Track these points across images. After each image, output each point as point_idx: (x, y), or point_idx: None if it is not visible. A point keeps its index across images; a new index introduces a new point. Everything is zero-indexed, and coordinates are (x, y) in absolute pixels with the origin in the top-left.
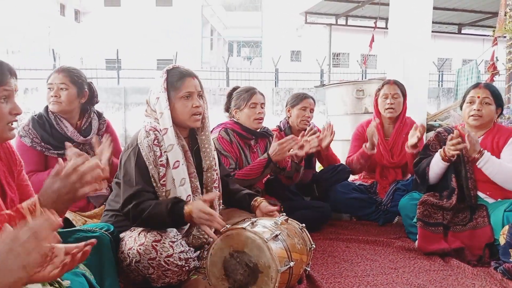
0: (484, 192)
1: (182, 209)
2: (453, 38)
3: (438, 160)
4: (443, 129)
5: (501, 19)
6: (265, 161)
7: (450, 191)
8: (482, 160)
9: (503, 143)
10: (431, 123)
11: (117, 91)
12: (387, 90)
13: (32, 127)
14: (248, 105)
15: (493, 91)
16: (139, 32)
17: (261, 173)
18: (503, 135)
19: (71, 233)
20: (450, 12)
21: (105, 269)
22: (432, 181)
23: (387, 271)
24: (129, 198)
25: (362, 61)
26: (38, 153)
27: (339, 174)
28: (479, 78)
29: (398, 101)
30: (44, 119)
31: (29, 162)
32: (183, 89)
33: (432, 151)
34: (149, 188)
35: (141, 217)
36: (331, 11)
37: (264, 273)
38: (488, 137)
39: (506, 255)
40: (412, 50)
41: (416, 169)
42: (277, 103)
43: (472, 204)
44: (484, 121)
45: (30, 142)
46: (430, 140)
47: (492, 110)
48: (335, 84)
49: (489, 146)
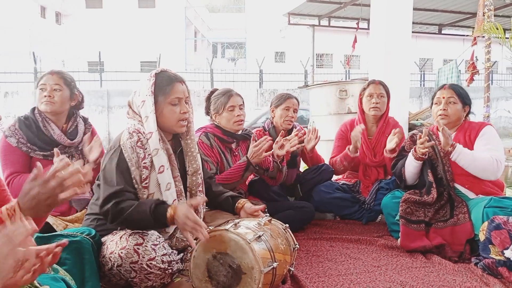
0: (463, 185)
1: (166, 211)
2: (433, 38)
3: (411, 160)
4: (418, 131)
5: (480, 20)
6: (244, 165)
7: (428, 186)
8: (455, 153)
9: (475, 136)
10: (413, 122)
11: (100, 94)
12: (373, 90)
13: (18, 127)
14: (226, 108)
15: (457, 91)
16: (122, 34)
17: (241, 177)
18: (474, 129)
19: (51, 237)
20: (430, 13)
21: (86, 274)
22: (410, 181)
23: (370, 269)
24: (108, 197)
25: (345, 61)
26: (23, 153)
27: (322, 174)
28: (459, 77)
29: (383, 101)
30: (31, 121)
31: (14, 162)
32: (172, 94)
33: (408, 152)
34: (130, 188)
35: (122, 216)
36: (314, 12)
37: (247, 274)
38: (460, 133)
39: (486, 251)
40: (393, 50)
41: (393, 170)
42: (262, 104)
43: (453, 195)
44: (451, 120)
45: (16, 143)
46: (406, 142)
47: (457, 109)
48: (318, 85)
49: (462, 141)
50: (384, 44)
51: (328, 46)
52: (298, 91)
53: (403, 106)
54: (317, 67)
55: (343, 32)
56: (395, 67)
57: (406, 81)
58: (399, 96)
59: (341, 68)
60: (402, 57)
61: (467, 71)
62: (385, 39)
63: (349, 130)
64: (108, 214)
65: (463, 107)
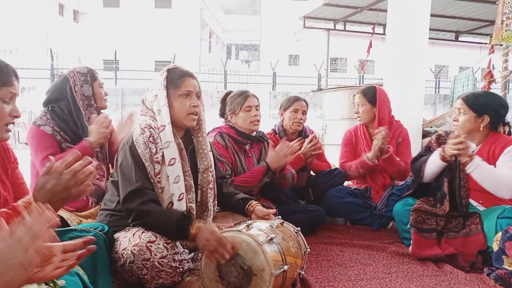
0: (476, 200)
1: (189, 226)
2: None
3: (436, 158)
4: (444, 132)
5: (498, 28)
6: (264, 169)
7: (442, 196)
8: (472, 165)
9: (499, 152)
10: (427, 129)
11: (114, 92)
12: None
13: (50, 118)
14: (243, 108)
15: (468, 101)
16: (138, 33)
17: (259, 181)
18: (499, 145)
19: (65, 232)
20: (447, 20)
21: (99, 269)
22: (427, 179)
23: (381, 275)
24: (131, 194)
25: (359, 66)
26: (56, 143)
27: (334, 178)
28: (475, 85)
29: (362, 109)
30: (59, 114)
31: (49, 146)
32: (183, 87)
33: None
34: (149, 185)
35: (146, 218)
36: (330, 16)
37: (258, 276)
38: (484, 147)
39: (499, 261)
40: (409, 56)
41: (413, 164)
42: (274, 107)
43: (464, 213)
44: (462, 130)
45: (51, 130)
46: (431, 142)
47: (466, 120)
48: (332, 89)
49: (485, 156)
50: (400, 50)
51: (343, 50)
52: (312, 94)
53: (417, 112)
54: (331, 71)
55: (358, 36)
56: (410, 73)
57: (421, 87)
58: (413, 102)
59: (355, 73)
60: (418, 64)
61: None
62: (401, 44)
63: (353, 137)
64: (131, 212)
65: (479, 117)
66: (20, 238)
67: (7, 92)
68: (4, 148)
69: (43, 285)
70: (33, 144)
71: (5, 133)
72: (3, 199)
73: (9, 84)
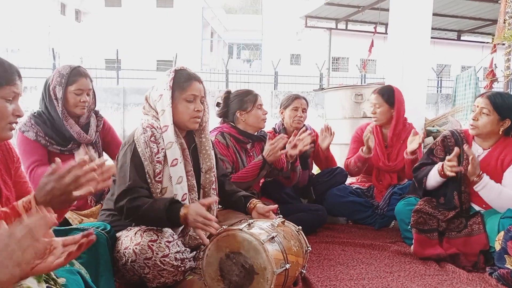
0: (479, 205)
1: (179, 210)
2: (452, 44)
3: (435, 174)
4: (450, 134)
5: (500, 27)
6: (260, 163)
7: (451, 207)
8: (480, 184)
9: (509, 161)
10: (429, 128)
11: (116, 91)
12: (371, 99)
13: (34, 123)
14: (256, 106)
15: (495, 101)
16: (139, 32)
17: (257, 175)
18: (510, 152)
19: (66, 231)
20: (449, 19)
21: (101, 268)
22: (429, 189)
23: (383, 275)
24: (123, 193)
25: (361, 65)
26: (41, 147)
27: (336, 177)
28: (477, 84)
29: (380, 110)
30: (45, 117)
31: (33, 153)
32: (189, 91)
33: (436, 156)
34: (143, 184)
35: (136, 213)
36: (332, 16)
37: (259, 275)
38: (495, 151)
39: (501, 260)
40: (411, 55)
41: (415, 174)
42: (276, 106)
43: (465, 216)
44: (481, 132)
45: (34, 136)
46: (436, 144)
47: (488, 121)
48: (334, 88)
49: (493, 162)
50: (402, 49)
51: (345, 50)
52: (313, 94)
53: (419, 112)
54: (333, 70)
55: (360, 36)
56: (412, 73)
57: (423, 87)
58: (415, 101)
59: (357, 72)
60: (420, 63)
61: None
62: (403, 44)
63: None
64: (123, 210)
65: (501, 120)
66: (19, 239)
67: (10, 91)
68: (7, 147)
69: (43, 283)
70: (19, 151)
71: (8, 132)
72: (5, 199)
73: (12, 83)
